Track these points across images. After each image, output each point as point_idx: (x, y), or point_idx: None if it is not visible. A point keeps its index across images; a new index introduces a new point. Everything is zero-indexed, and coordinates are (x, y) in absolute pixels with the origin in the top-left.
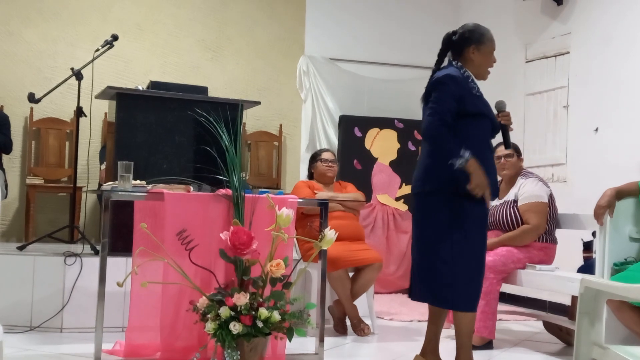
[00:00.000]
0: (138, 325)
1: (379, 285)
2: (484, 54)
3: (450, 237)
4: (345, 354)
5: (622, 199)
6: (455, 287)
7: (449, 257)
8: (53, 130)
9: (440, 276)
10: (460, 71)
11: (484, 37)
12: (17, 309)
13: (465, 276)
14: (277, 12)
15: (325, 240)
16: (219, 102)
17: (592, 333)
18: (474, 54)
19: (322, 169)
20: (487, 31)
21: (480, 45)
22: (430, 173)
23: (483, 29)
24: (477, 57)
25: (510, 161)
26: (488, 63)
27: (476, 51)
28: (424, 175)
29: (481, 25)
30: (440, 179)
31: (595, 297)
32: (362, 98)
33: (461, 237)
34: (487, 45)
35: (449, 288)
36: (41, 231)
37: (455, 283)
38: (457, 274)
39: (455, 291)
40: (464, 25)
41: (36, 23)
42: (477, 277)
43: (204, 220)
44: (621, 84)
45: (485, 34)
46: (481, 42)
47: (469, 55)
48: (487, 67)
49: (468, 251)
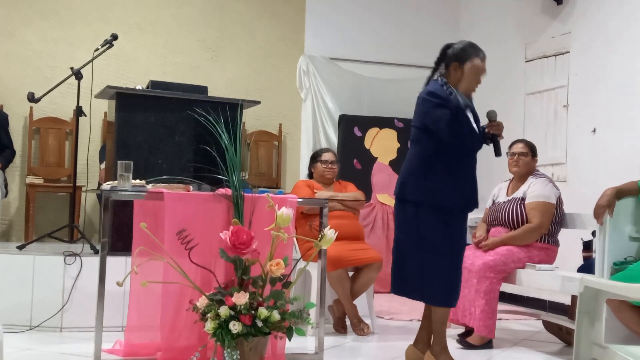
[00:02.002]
0: (137, 325)
1: (379, 284)
2: (466, 74)
3: (425, 241)
4: (345, 353)
5: (622, 199)
6: (427, 282)
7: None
8: (53, 130)
9: (413, 274)
10: (443, 87)
11: (470, 58)
12: (17, 308)
13: (436, 273)
14: (277, 12)
15: (325, 239)
16: (218, 101)
17: (592, 332)
18: (456, 70)
19: (321, 170)
20: (479, 54)
21: (463, 64)
22: (409, 183)
23: (473, 52)
24: (459, 75)
25: (524, 160)
26: (470, 84)
27: (459, 69)
28: (404, 183)
29: (476, 47)
30: (416, 190)
31: (595, 297)
32: (362, 97)
33: (431, 241)
34: (471, 68)
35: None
36: (41, 231)
37: (425, 279)
38: (426, 271)
39: (426, 286)
40: (461, 41)
41: (36, 23)
42: (452, 276)
43: (203, 219)
44: (621, 84)
45: (472, 55)
46: (464, 60)
47: (452, 71)
48: (469, 88)
49: (440, 252)
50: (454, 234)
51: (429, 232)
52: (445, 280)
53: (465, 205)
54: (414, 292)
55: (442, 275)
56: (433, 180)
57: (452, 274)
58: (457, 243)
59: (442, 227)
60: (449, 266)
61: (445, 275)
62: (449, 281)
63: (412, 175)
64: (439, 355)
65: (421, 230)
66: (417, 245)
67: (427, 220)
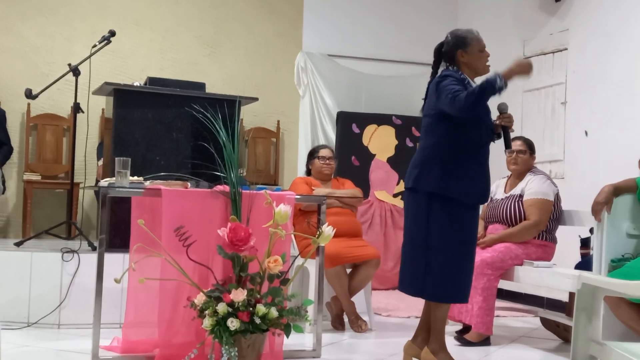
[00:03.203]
0: (135, 322)
1: (377, 281)
2: (473, 54)
3: (433, 234)
4: (342, 350)
5: (619, 196)
6: (430, 278)
7: (425, 251)
8: (50, 126)
9: (417, 268)
10: (457, 73)
11: (467, 39)
12: (15, 305)
13: (442, 270)
14: (275, 9)
15: (323, 236)
16: (216, 98)
17: (589, 329)
18: (463, 57)
19: (319, 166)
20: (469, 32)
21: (467, 47)
22: (422, 173)
23: (465, 32)
24: (467, 58)
25: (522, 157)
26: (481, 60)
27: (465, 54)
28: (417, 174)
29: (462, 29)
30: (430, 181)
31: (592, 294)
32: (360, 94)
33: (442, 235)
34: (473, 45)
35: (425, 280)
36: (38, 227)
37: (430, 275)
38: (432, 267)
39: (429, 283)
40: (448, 34)
41: (33, 18)
42: (454, 272)
43: (201, 216)
44: (619, 81)
45: (467, 36)
46: (466, 44)
47: (460, 59)
48: (482, 64)
49: (448, 247)
50: (465, 228)
51: (439, 225)
52: (448, 276)
53: (478, 198)
54: (416, 288)
55: (446, 271)
56: (449, 171)
57: (457, 270)
58: (467, 237)
59: (452, 221)
60: (453, 262)
61: (448, 271)
62: (453, 277)
63: (427, 165)
64: (437, 353)
65: (431, 223)
66: (424, 239)
67: (439, 213)
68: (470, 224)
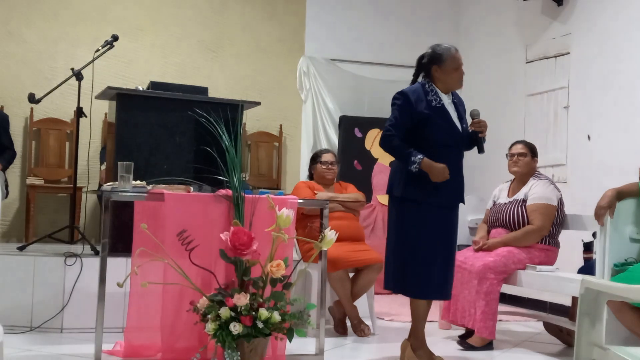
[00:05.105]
0: (137, 326)
1: (379, 286)
2: (446, 71)
3: (407, 236)
4: (345, 354)
5: (622, 200)
6: (406, 275)
7: (400, 251)
8: (53, 131)
9: (396, 267)
10: (425, 86)
11: (443, 56)
12: (18, 309)
13: (415, 269)
14: (277, 13)
15: (326, 240)
16: (219, 102)
17: (592, 334)
18: (437, 72)
19: (321, 171)
20: (447, 50)
21: (441, 64)
22: (394, 179)
23: (443, 49)
24: (440, 74)
25: (523, 160)
26: (453, 77)
27: (439, 69)
28: (391, 180)
29: (443, 46)
30: (399, 187)
31: (595, 298)
32: (363, 99)
33: (416, 237)
34: (448, 64)
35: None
36: (41, 231)
37: (407, 274)
38: (408, 266)
39: (407, 281)
40: (429, 48)
41: (36, 23)
42: (429, 270)
43: (204, 220)
44: (622, 85)
45: (443, 53)
46: (441, 61)
47: (434, 74)
48: (454, 81)
49: (421, 247)
50: (437, 228)
51: (411, 227)
52: (422, 274)
53: (448, 199)
54: (397, 284)
55: (420, 270)
56: (412, 175)
57: (432, 269)
58: (441, 237)
59: (424, 222)
60: (427, 261)
61: (422, 269)
62: (428, 275)
63: (397, 171)
64: (417, 350)
65: (405, 225)
66: (400, 239)
67: (410, 215)
68: (443, 224)
